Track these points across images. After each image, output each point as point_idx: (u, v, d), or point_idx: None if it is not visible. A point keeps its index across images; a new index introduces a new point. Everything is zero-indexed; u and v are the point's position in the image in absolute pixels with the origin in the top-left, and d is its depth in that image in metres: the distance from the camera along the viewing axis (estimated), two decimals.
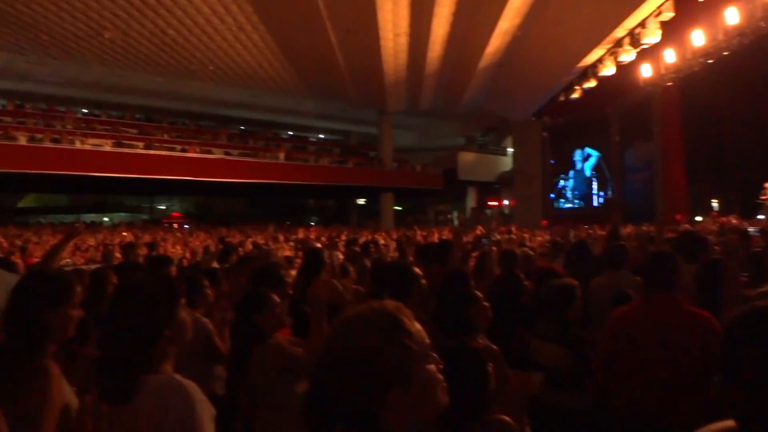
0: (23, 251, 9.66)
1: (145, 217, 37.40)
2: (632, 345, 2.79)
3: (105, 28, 17.43)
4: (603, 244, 6.59)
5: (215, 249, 8.59)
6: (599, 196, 26.12)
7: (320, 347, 1.08)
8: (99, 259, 9.27)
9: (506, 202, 35.52)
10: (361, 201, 39.05)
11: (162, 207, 41.95)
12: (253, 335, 2.75)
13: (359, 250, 7.39)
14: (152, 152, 22.63)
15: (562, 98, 22.10)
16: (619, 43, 16.56)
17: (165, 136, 25.37)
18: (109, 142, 22.11)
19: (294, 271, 5.33)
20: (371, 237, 12.30)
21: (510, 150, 33.67)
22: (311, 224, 28.81)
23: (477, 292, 2.92)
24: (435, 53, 19.47)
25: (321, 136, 37.35)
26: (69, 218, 31.97)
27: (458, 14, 16.30)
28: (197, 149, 24.71)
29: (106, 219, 35.01)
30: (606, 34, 16.47)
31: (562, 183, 27.85)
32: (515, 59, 19.83)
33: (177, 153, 23.75)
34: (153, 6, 16.22)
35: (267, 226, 19.75)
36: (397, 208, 34.85)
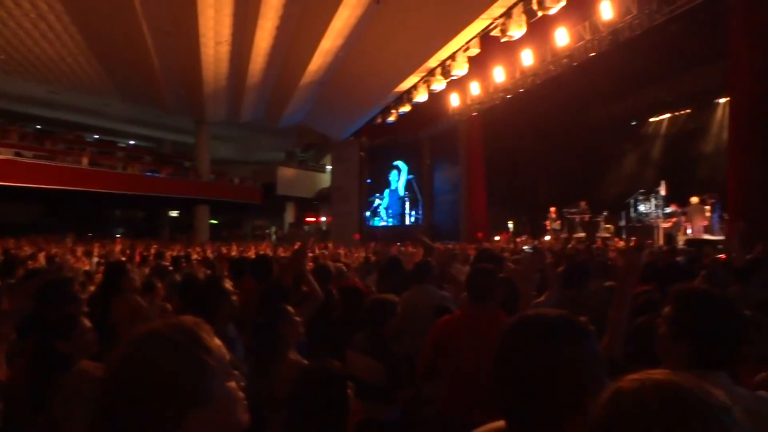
0: None
1: None
2: (453, 354, 2.93)
3: None
4: (415, 261, 6.96)
5: None
6: (411, 216, 27.51)
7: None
8: None
9: (324, 219, 36.01)
10: (174, 213, 37.05)
11: None
12: (55, 363, 2.46)
13: (169, 265, 7.01)
14: None
15: (380, 120, 23.02)
16: (432, 73, 17.60)
17: None
18: None
19: (93, 287, 4.90)
20: (184, 251, 11.73)
21: (329, 167, 34.23)
22: (117, 236, 26.65)
23: (289, 308, 2.90)
24: (257, 65, 19.22)
25: (131, 142, 34.87)
26: None
27: (282, 28, 16.27)
28: None
29: None
30: (420, 64, 17.43)
31: (378, 202, 28.91)
32: (336, 79, 20.29)
33: None
34: None
35: (65, 238, 17.84)
36: (213, 222, 33.65)
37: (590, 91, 17.75)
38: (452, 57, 16.19)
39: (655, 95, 17.94)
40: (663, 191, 15.31)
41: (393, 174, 28.20)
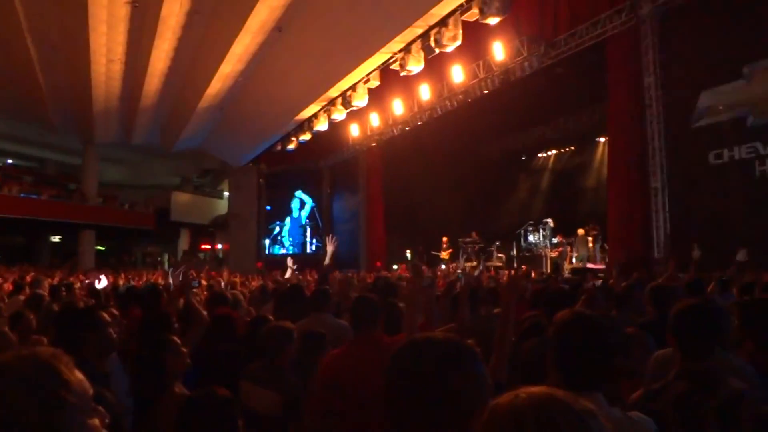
0: None
1: None
2: (343, 386, 2.86)
3: None
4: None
5: None
6: (312, 244, 27.32)
7: None
8: None
9: (220, 246, 34.96)
10: (56, 238, 34.56)
11: None
12: None
13: (47, 295, 6.49)
14: None
15: (279, 147, 22.85)
16: (333, 102, 17.72)
17: None
18: None
19: None
20: (67, 279, 10.97)
21: (226, 194, 33.39)
22: None
23: (174, 338, 2.75)
24: (152, 87, 18.49)
25: (9, 161, 32.31)
26: None
27: (180, 50, 15.79)
28: None
29: None
30: (321, 93, 17.48)
31: (278, 229, 28.51)
32: (236, 104, 19.92)
33: None
34: None
35: None
36: (100, 248, 31.74)
37: (484, 127, 18.59)
38: (353, 88, 16.42)
39: (543, 133, 19.05)
40: (551, 223, 16.19)
41: (295, 202, 27.99)
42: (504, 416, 0.90)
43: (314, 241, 27.19)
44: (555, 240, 15.79)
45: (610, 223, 12.91)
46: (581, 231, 14.95)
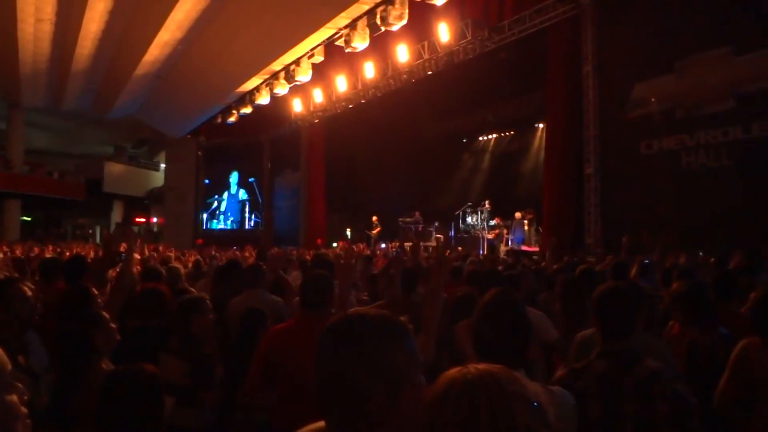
0: None
1: None
2: (284, 364, 2.84)
3: None
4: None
5: None
6: (251, 220, 26.92)
7: None
8: None
9: (155, 220, 33.99)
10: None
11: None
12: None
13: None
14: None
15: (219, 120, 22.32)
16: (275, 76, 17.45)
17: None
18: None
19: None
20: None
21: (163, 165, 32.39)
22: None
23: (104, 313, 2.68)
24: (85, 50, 17.62)
25: None
26: None
27: (115, 13, 15.08)
28: None
29: None
30: (264, 66, 17.19)
31: (216, 204, 27.94)
32: (174, 73, 19.27)
33: None
34: None
35: None
36: (26, 219, 30.31)
37: (426, 108, 18.71)
38: (297, 62, 16.21)
39: (484, 116, 19.32)
40: (488, 206, 16.52)
41: (233, 176, 27.43)
42: (457, 387, 1.00)
43: (253, 217, 26.81)
44: (492, 222, 16.14)
45: (545, 208, 13.30)
46: (518, 214, 15.33)
